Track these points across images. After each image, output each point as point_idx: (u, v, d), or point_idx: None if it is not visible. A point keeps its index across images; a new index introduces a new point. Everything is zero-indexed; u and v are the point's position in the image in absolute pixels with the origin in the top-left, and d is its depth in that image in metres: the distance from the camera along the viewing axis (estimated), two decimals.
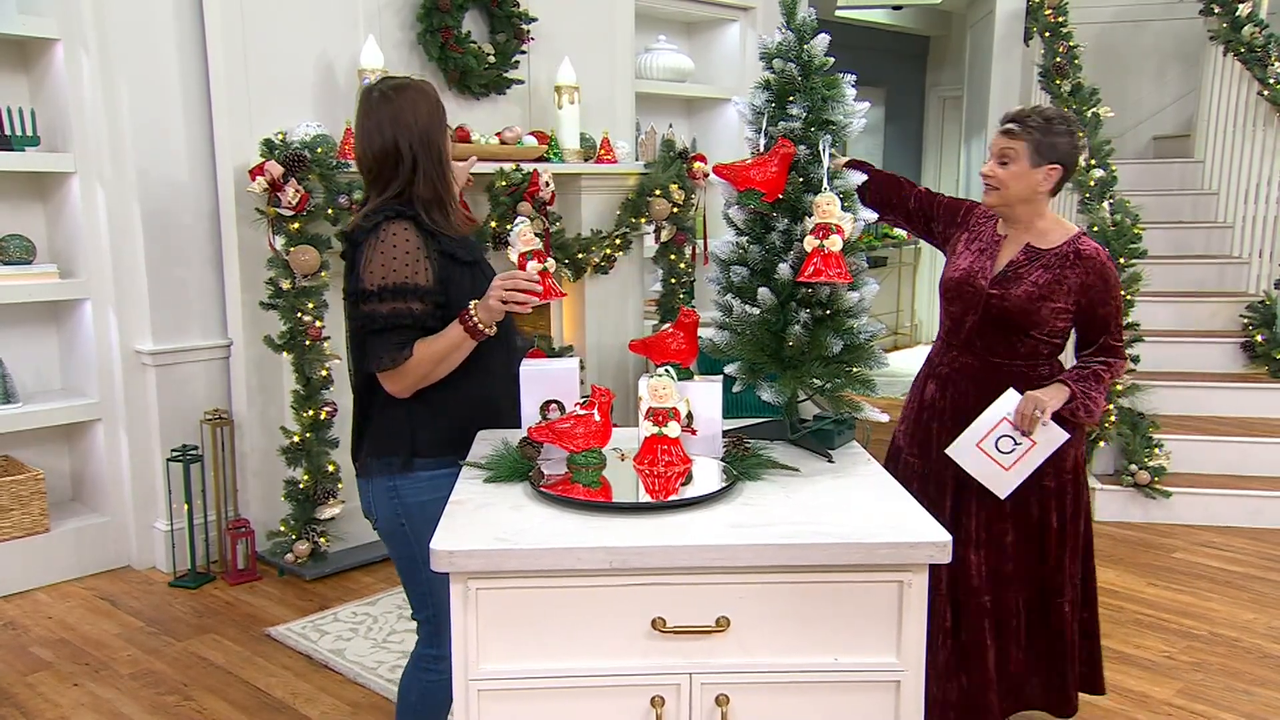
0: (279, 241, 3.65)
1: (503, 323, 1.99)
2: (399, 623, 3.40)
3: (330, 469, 3.82)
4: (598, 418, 1.76)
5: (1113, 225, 4.54)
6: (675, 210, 4.92)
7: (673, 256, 5.09)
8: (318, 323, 3.72)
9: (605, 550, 1.48)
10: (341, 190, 3.67)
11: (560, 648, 1.52)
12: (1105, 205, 4.70)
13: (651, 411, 1.75)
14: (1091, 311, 2.40)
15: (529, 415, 1.95)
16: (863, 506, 1.67)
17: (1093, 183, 4.83)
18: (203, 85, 3.81)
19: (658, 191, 4.83)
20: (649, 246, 5.13)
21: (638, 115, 5.30)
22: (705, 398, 1.89)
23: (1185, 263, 5.52)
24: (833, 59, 1.97)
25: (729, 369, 2.00)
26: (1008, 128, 2.37)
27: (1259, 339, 4.99)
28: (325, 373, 3.76)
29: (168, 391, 3.87)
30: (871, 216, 1.99)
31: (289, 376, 3.82)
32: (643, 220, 4.90)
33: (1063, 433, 2.35)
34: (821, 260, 1.84)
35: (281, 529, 3.85)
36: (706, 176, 5.01)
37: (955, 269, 2.52)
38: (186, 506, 3.79)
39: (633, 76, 5.17)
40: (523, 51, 4.50)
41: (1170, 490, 4.45)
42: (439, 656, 2.06)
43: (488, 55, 4.36)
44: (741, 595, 1.52)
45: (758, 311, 1.94)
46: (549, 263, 1.99)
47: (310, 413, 3.75)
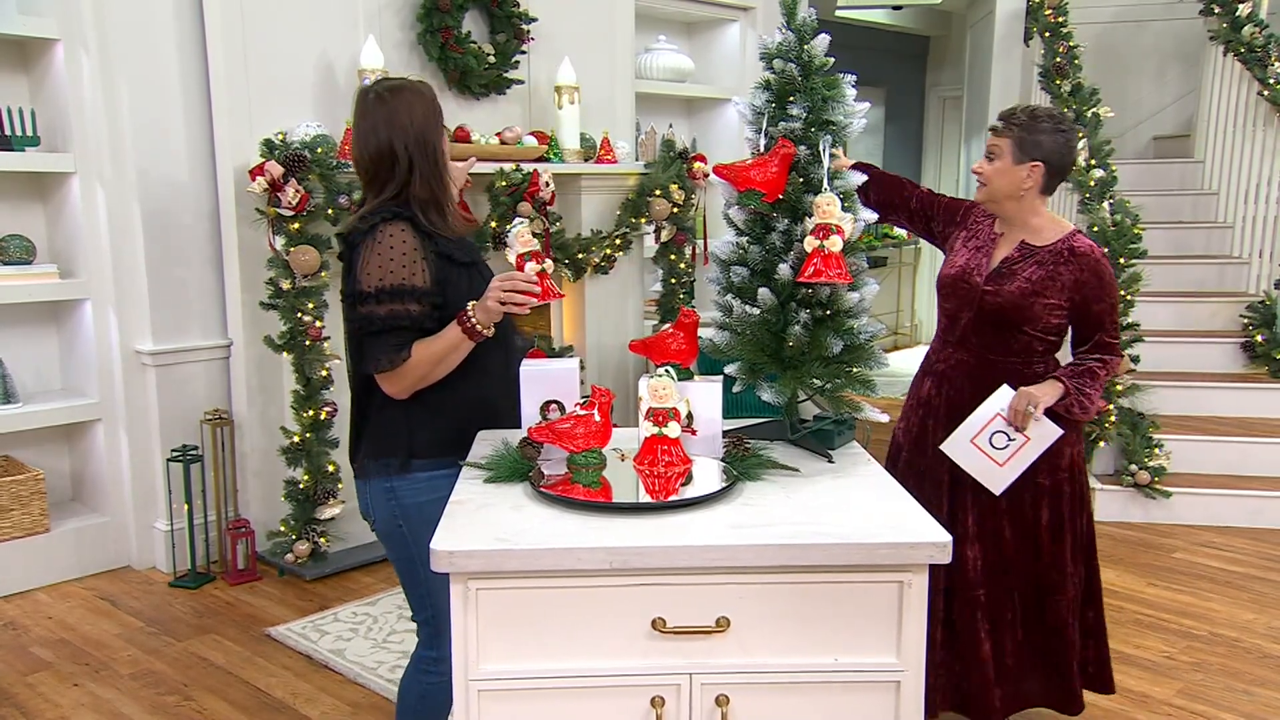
0: (279, 241, 3.65)
1: (501, 324, 1.98)
2: (399, 623, 3.40)
3: (330, 469, 3.82)
4: (598, 418, 1.76)
5: (1113, 225, 4.54)
6: (675, 210, 4.92)
7: (673, 256, 5.09)
8: (318, 323, 3.72)
9: (605, 550, 1.48)
10: (341, 190, 3.67)
11: (560, 648, 1.52)
12: (1105, 205, 4.70)
13: (651, 412, 1.76)
14: (1085, 308, 2.41)
15: (529, 415, 1.95)
16: (863, 507, 1.67)
17: (1093, 183, 4.83)
18: (203, 85, 3.81)
19: (658, 191, 4.83)
20: (649, 246, 5.13)
21: (638, 115, 5.29)
22: (705, 398, 1.89)
23: (1185, 263, 5.52)
24: (833, 59, 1.97)
25: (729, 369, 2.01)
26: (994, 125, 2.45)
27: (1259, 339, 4.99)
28: (325, 373, 3.76)
29: (168, 391, 3.87)
30: (872, 217, 1.99)
31: (289, 376, 3.82)
32: (643, 220, 4.90)
33: (1056, 429, 2.36)
34: (822, 261, 1.84)
35: (281, 529, 3.86)
36: (706, 177, 5.01)
37: (951, 266, 2.55)
38: (186, 506, 3.79)
39: (633, 76, 5.17)
40: (523, 51, 4.50)
41: (1170, 490, 4.45)
42: (439, 658, 2.06)
43: (488, 55, 4.36)
44: (741, 595, 1.52)
45: (758, 312, 1.94)
46: (547, 264, 1.99)
47: (310, 413, 3.76)
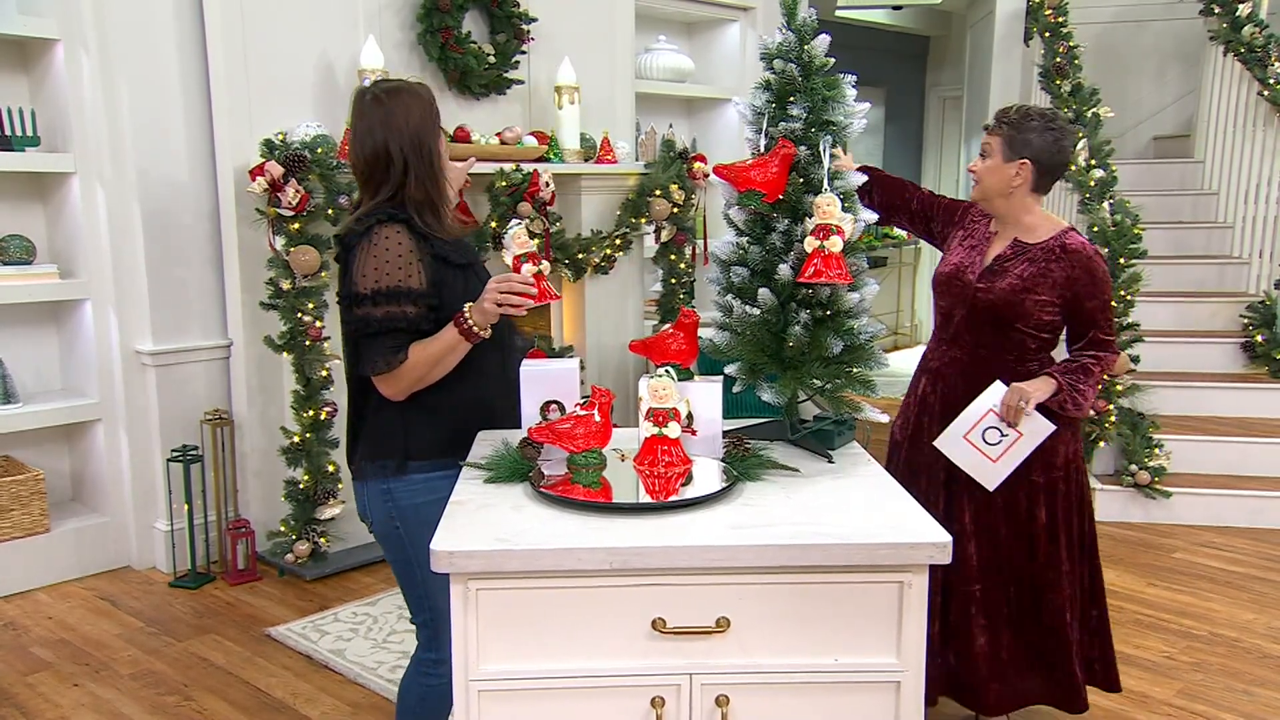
0: (279, 242, 3.65)
1: (498, 325, 1.98)
2: (399, 623, 3.40)
3: (330, 469, 3.82)
4: (598, 418, 1.76)
5: (1113, 225, 4.54)
6: (675, 210, 4.92)
7: (673, 257, 5.09)
8: (318, 323, 3.72)
9: (605, 551, 1.48)
10: (342, 190, 3.67)
11: (560, 648, 1.52)
12: (1105, 205, 4.70)
13: (652, 412, 1.76)
14: (1078, 305, 2.42)
15: (529, 416, 1.95)
16: (863, 507, 1.67)
17: (1093, 183, 4.83)
18: (203, 85, 3.81)
19: (658, 192, 4.83)
20: (649, 247, 5.13)
21: (638, 115, 5.29)
22: (705, 398, 1.89)
23: (1185, 263, 5.52)
24: (833, 59, 1.97)
25: (729, 369, 2.01)
26: (986, 123, 2.49)
27: (1259, 339, 4.99)
28: (325, 373, 3.76)
29: (168, 391, 3.87)
30: (872, 217, 1.99)
31: (289, 377, 3.82)
32: (643, 220, 4.90)
33: (1049, 424, 2.36)
34: (822, 261, 1.84)
35: (281, 529, 3.86)
36: (706, 177, 5.01)
37: (946, 264, 2.58)
38: (186, 507, 3.79)
39: (633, 76, 5.17)
40: (523, 52, 4.50)
41: (1170, 490, 4.45)
42: (438, 660, 2.05)
43: (488, 55, 4.36)
44: (741, 596, 1.52)
45: (758, 312, 1.94)
46: (544, 265, 1.99)
47: (310, 413, 3.76)
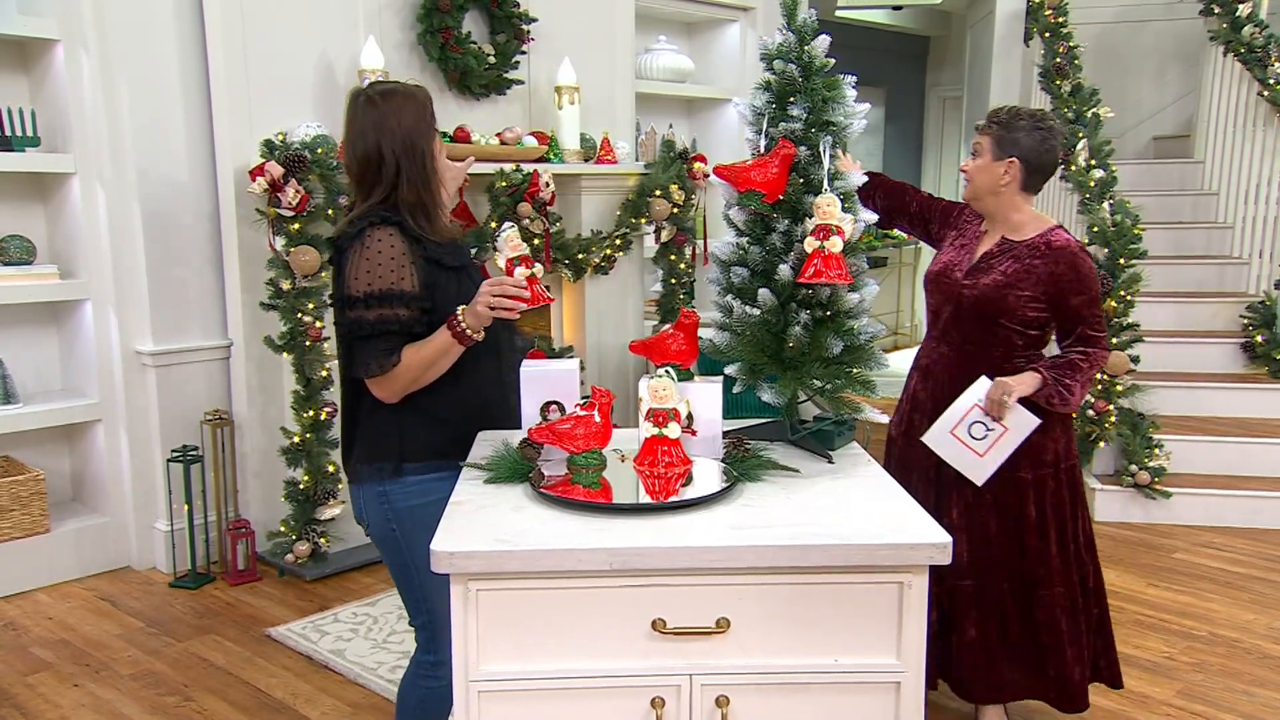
0: (279, 242, 3.65)
1: (491, 328, 1.97)
2: (399, 623, 3.40)
3: (330, 469, 3.82)
4: (598, 419, 1.76)
5: (1113, 225, 4.54)
6: (675, 211, 4.92)
7: (673, 257, 5.09)
8: (318, 323, 3.72)
9: (606, 551, 1.48)
10: (341, 191, 3.67)
11: (560, 649, 1.52)
12: (1105, 205, 4.70)
13: (652, 412, 1.76)
14: (1063, 301, 2.43)
15: (529, 416, 1.95)
16: (863, 507, 1.67)
17: (1093, 183, 4.83)
18: (203, 85, 3.81)
19: (658, 192, 4.83)
20: (649, 247, 5.13)
21: (638, 115, 5.29)
22: (705, 399, 1.89)
23: (1185, 263, 5.52)
24: (833, 60, 1.97)
25: (729, 370, 2.01)
26: (978, 123, 2.53)
27: (1259, 339, 4.99)
28: (325, 373, 3.76)
29: (168, 392, 3.87)
30: (872, 218, 2.00)
31: (289, 377, 3.82)
32: (643, 221, 4.90)
33: (1033, 418, 2.38)
34: (822, 261, 1.85)
35: (282, 529, 3.86)
36: (707, 177, 5.01)
37: (937, 263, 2.63)
38: (187, 507, 3.79)
39: (633, 77, 5.17)
40: (523, 52, 4.50)
41: (1170, 491, 4.45)
42: (437, 663, 2.05)
43: (488, 56, 4.36)
44: (742, 596, 1.52)
45: (758, 312, 1.94)
46: (537, 268, 1.99)
47: (310, 413, 3.76)
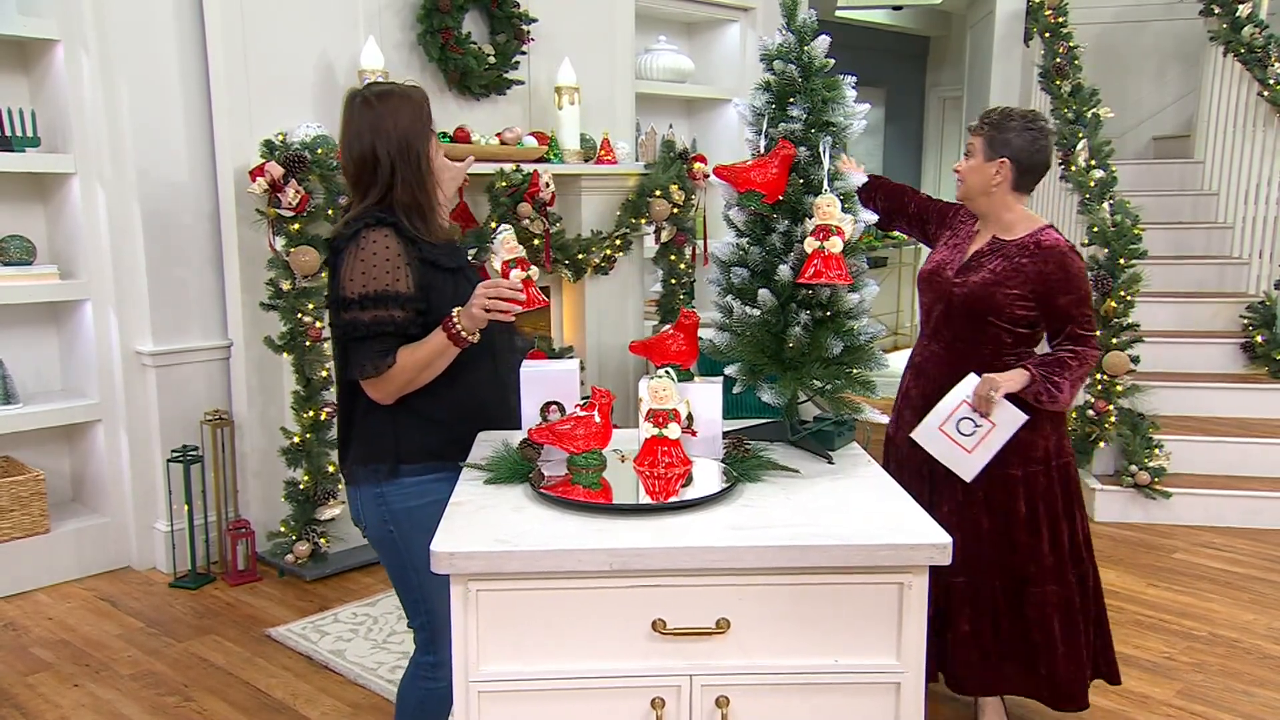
0: (279, 242, 3.66)
1: (488, 329, 1.97)
2: (399, 624, 3.40)
3: (330, 470, 3.82)
4: (598, 419, 1.76)
5: (1113, 226, 4.54)
6: (675, 211, 4.92)
7: (673, 257, 5.09)
8: (318, 323, 3.72)
9: (606, 552, 1.48)
10: (341, 191, 3.67)
11: (561, 649, 1.52)
12: (1105, 206, 4.70)
13: (652, 413, 1.76)
14: (1051, 300, 2.45)
15: (529, 417, 1.95)
16: (863, 508, 1.67)
17: (1093, 183, 4.83)
18: (203, 85, 3.81)
19: (658, 192, 4.83)
20: (649, 247, 5.13)
21: (638, 116, 5.29)
22: (705, 399, 1.89)
23: (1185, 263, 5.52)
24: (833, 60, 1.97)
25: (729, 370, 2.01)
26: (970, 124, 2.56)
27: (1259, 340, 4.99)
28: (325, 373, 3.76)
29: (168, 392, 3.87)
30: (872, 218, 2.00)
31: (289, 377, 3.82)
32: (643, 221, 4.90)
33: (1021, 414, 2.39)
34: (822, 262, 1.85)
35: (282, 530, 3.86)
36: (707, 177, 5.01)
37: (930, 262, 2.66)
38: (187, 507, 3.79)
39: (633, 77, 5.17)
40: (523, 52, 4.50)
41: (1170, 491, 4.45)
42: (436, 664, 2.05)
43: (488, 56, 4.36)
44: (742, 597, 1.52)
45: (758, 313, 1.94)
46: (533, 271, 1.99)
47: (310, 413, 3.76)
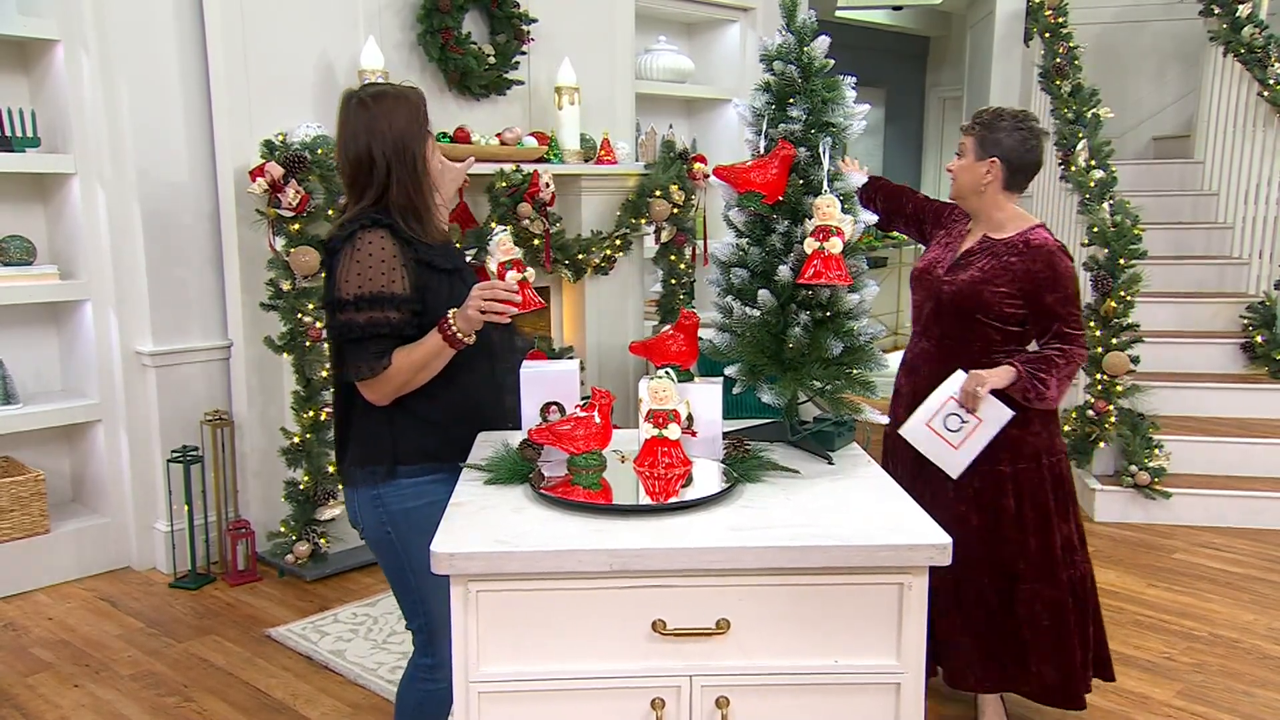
0: (279, 242, 3.66)
1: (484, 331, 1.97)
2: (399, 624, 3.40)
3: (330, 470, 3.82)
4: (598, 420, 1.76)
5: (1113, 226, 4.54)
6: (675, 211, 4.92)
7: (673, 257, 5.09)
8: (318, 324, 3.72)
9: (606, 553, 1.48)
10: (341, 191, 3.67)
11: (561, 650, 1.52)
12: (1105, 206, 4.70)
13: (652, 413, 1.76)
14: (1038, 298, 2.46)
15: (529, 417, 1.95)
16: (863, 508, 1.67)
17: (1093, 184, 4.83)
18: (203, 86, 3.81)
19: (658, 192, 4.83)
20: (649, 247, 5.13)
21: (638, 116, 5.29)
22: (705, 399, 1.89)
23: (1185, 263, 5.52)
24: (833, 61, 1.97)
25: (729, 371, 2.01)
26: (963, 124, 2.58)
27: (1259, 340, 4.99)
28: (325, 373, 3.76)
29: (168, 392, 3.87)
30: (872, 218, 2.00)
31: (289, 377, 3.82)
32: (643, 221, 4.90)
33: (1007, 411, 2.39)
34: (822, 262, 1.85)
35: (282, 530, 3.86)
36: (706, 177, 5.01)
37: (922, 260, 2.70)
38: (187, 507, 3.79)
39: (633, 77, 5.17)
40: (523, 52, 4.50)
41: (1170, 491, 4.45)
42: (435, 665, 2.05)
43: (488, 56, 4.36)
44: (742, 597, 1.53)
45: (758, 313, 1.94)
46: (529, 272, 1.99)
47: (310, 414, 3.75)
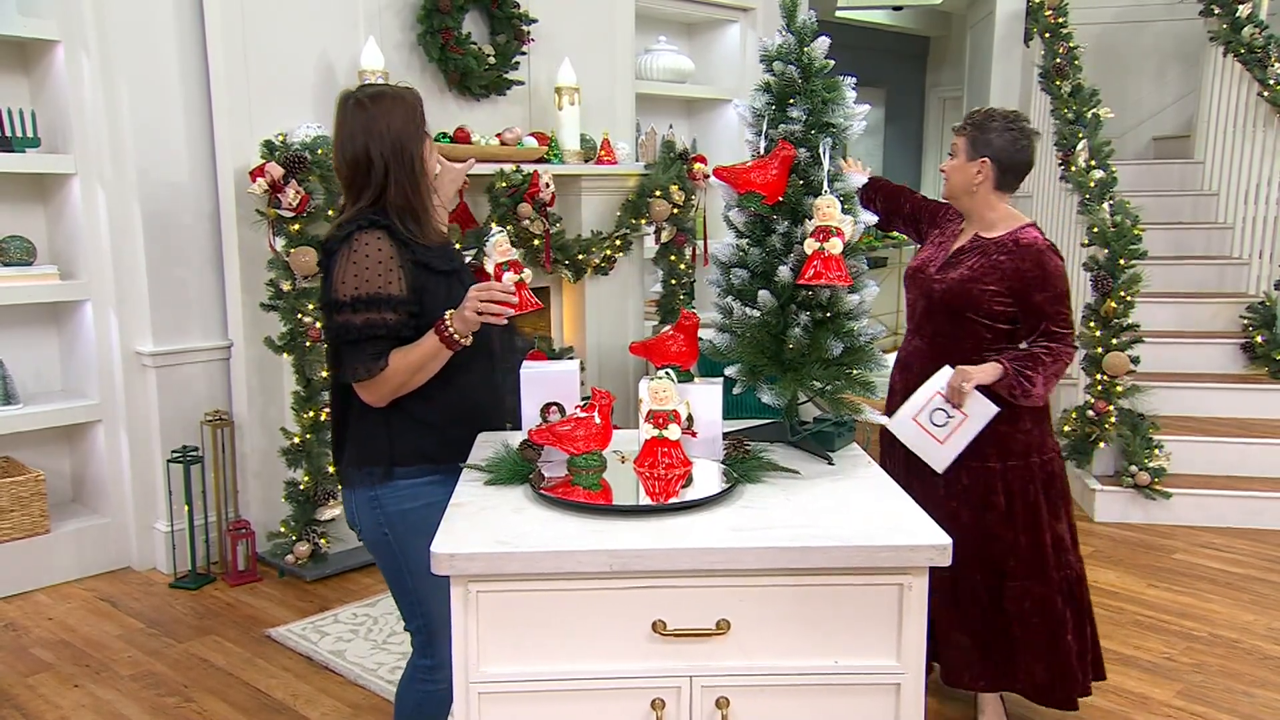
0: (279, 243, 3.66)
1: (481, 331, 1.97)
2: (399, 624, 3.40)
3: (330, 470, 3.82)
4: (598, 420, 1.76)
5: (1113, 226, 4.54)
6: (675, 211, 4.92)
7: (673, 258, 5.09)
8: (318, 324, 3.72)
9: (606, 553, 1.48)
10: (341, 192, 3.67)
11: (561, 650, 1.52)
12: (1105, 206, 4.70)
13: (652, 414, 1.76)
14: (1027, 297, 2.47)
15: (529, 417, 1.95)
16: (863, 509, 1.67)
17: (1093, 184, 4.83)
18: (203, 86, 3.81)
19: (658, 192, 4.83)
20: (649, 248, 5.13)
21: (638, 116, 5.29)
22: (705, 400, 1.89)
23: (1185, 264, 5.52)
24: (833, 61, 1.97)
25: (729, 371, 2.01)
26: (955, 125, 2.60)
27: (1259, 340, 4.99)
28: (325, 374, 3.76)
29: (168, 392, 3.87)
30: (872, 219, 2.00)
31: (289, 378, 3.82)
32: (643, 221, 4.90)
33: (992, 406, 2.40)
34: (822, 263, 1.85)
35: (282, 530, 3.86)
36: (707, 177, 5.01)
37: (916, 259, 2.71)
38: (187, 508, 3.79)
39: (633, 77, 5.17)
40: (523, 52, 4.50)
41: (1170, 491, 4.45)
42: (434, 666, 2.05)
43: (488, 56, 4.36)
44: (742, 598, 1.53)
45: (758, 314, 1.94)
46: (526, 273, 1.99)
47: (310, 414, 3.76)
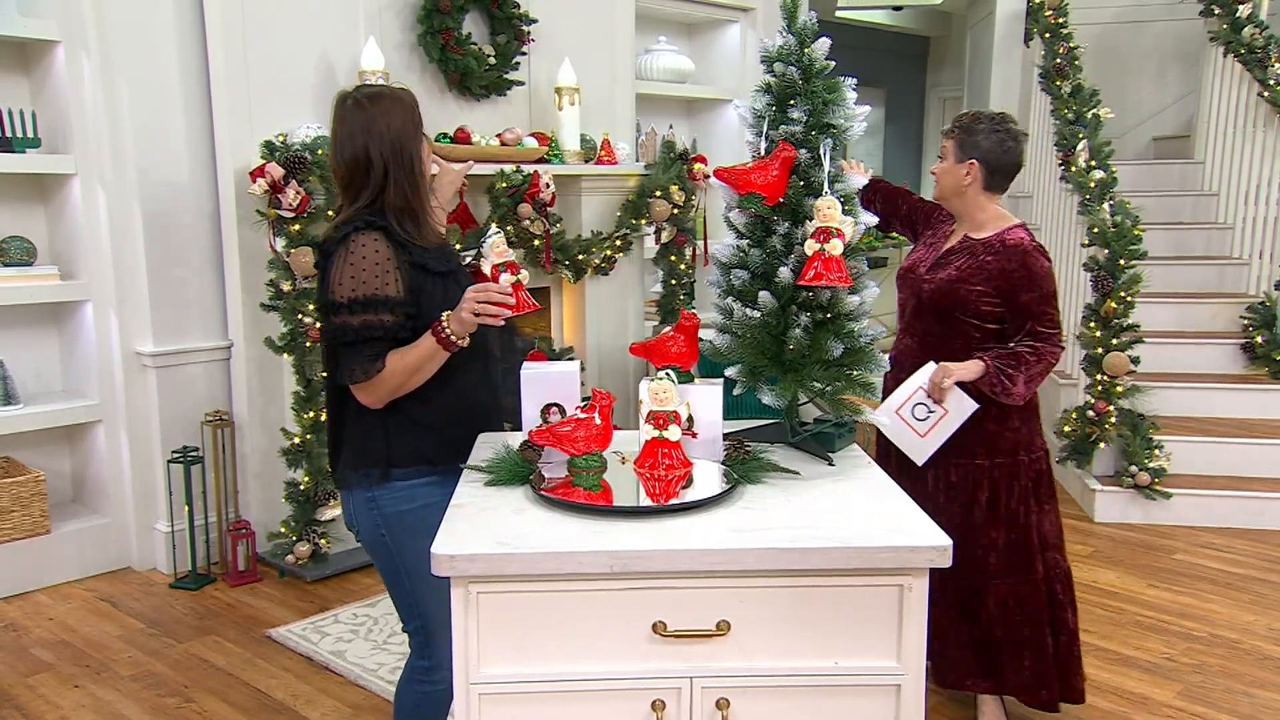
0: (279, 243, 3.66)
1: (480, 333, 1.96)
2: (399, 625, 3.40)
3: (330, 470, 3.81)
4: (598, 421, 1.76)
5: (1113, 226, 4.54)
6: (675, 211, 4.92)
7: (673, 258, 5.09)
8: (317, 325, 3.70)
9: (606, 554, 1.48)
10: None
11: (561, 651, 1.52)
12: (1105, 206, 4.70)
13: (652, 415, 1.76)
14: (1013, 297, 2.49)
15: (529, 418, 1.95)
16: (863, 510, 1.67)
17: (1093, 184, 4.83)
18: (203, 86, 3.81)
19: (658, 193, 4.83)
20: (649, 248, 5.13)
21: (638, 116, 5.29)
22: (706, 401, 1.89)
23: (1185, 264, 5.52)
24: (833, 62, 1.97)
25: (729, 372, 2.01)
26: (944, 128, 2.63)
27: (1259, 340, 4.99)
28: (325, 374, 3.76)
29: (168, 393, 3.87)
30: (872, 220, 2.00)
31: (289, 378, 3.82)
32: (643, 221, 4.90)
33: (972, 403, 2.42)
34: (822, 264, 1.85)
35: (282, 530, 3.86)
36: (707, 178, 5.01)
37: (907, 259, 2.74)
38: (187, 508, 3.79)
39: (633, 77, 5.17)
40: (523, 53, 4.50)
41: (1170, 492, 4.45)
42: (432, 667, 2.05)
43: (488, 57, 4.36)
44: (742, 599, 1.53)
45: (758, 315, 1.94)
46: (523, 274, 1.99)
47: (311, 414, 3.76)
